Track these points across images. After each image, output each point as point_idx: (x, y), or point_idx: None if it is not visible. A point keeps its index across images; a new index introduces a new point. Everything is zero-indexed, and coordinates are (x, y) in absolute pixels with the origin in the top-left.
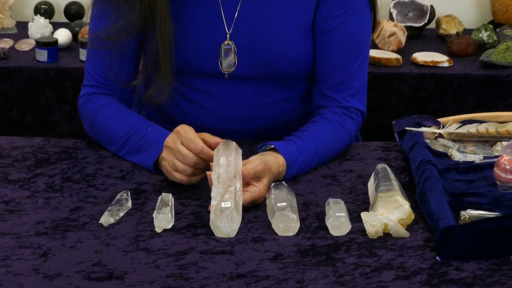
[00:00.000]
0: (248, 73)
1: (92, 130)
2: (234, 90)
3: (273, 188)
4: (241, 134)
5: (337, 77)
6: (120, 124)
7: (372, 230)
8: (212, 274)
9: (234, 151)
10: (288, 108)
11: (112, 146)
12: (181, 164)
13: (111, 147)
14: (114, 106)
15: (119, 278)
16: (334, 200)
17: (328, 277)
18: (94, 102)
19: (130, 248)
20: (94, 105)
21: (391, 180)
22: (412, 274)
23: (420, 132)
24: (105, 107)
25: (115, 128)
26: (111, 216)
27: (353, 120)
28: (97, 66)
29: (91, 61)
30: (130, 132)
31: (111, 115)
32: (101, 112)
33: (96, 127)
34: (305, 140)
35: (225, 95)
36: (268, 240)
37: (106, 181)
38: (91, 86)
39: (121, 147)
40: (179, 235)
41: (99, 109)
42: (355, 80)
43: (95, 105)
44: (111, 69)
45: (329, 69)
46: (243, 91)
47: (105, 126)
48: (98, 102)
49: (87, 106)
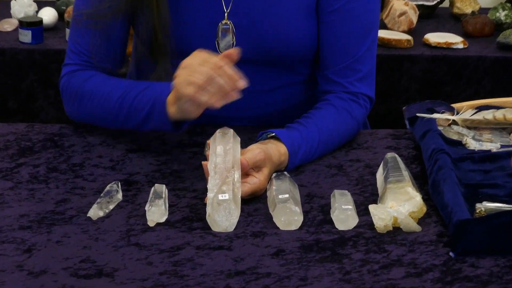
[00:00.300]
0: (247, 56)
1: (80, 106)
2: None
3: (275, 179)
4: (240, 121)
5: (343, 60)
6: (115, 86)
7: (381, 224)
8: (209, 271)
9: (232, 140)
10: (290, 94)
11: (107, 114)
12: (197, 77)
13: (107, 118)
14: (103, 75)
15: (109, 275)
16: (340, 191)
17: (334, 274)
18: (78, 77)
19: (121, 243)
20: (79, 79)
21: (401, 170)
22: (424, 271)
23: (433, 119)
24: (92, 77)
25: (108, 91)
26: (100, 209)
27: (360, 106)
28: (81, 45)
29: (74, 40)
30: (127, 89)
31: (100, 82)
32: (88, 83)
33: (85, 99)
34: (308, 128)
35: None
36: (269, 235)
37: (94, 171)
38: (74, 64)
39: (119, 109)
40: (173, 229)
41: (85, 81)
42: (362, 64)
43: (79, 78)
44: (95, 52)
45: (335, 52)
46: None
47: (96, 93)
48: (83, 74)
49: (70, 82)
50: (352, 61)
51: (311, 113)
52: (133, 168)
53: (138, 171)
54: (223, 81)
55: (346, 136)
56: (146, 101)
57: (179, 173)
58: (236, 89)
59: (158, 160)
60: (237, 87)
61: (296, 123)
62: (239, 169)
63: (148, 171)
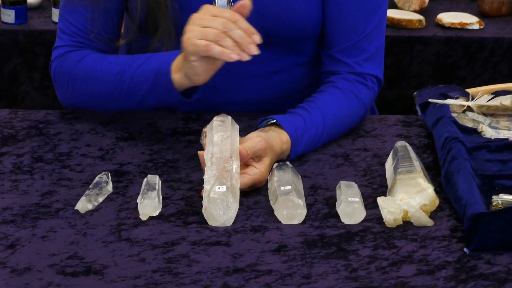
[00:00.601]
0: None
1: (74, 89)
2: None
3: (276, 170)
4: (239, 106)
5: (350, 38)
6: (112, 62)
7: (390, 217)
8: (206, 268)
9: (230, 127)
10: (293, 76)
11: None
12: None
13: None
14: (98, 54)
15: (98, 272)
16: (346, 183)
17: (339, 271)
18: (71, 58)
19: (111, 238)
20: (72, 61)
21: (412, 160)
22: (436, 268)
23: (446, 105)
24: (86, 57)
25: (105, 69)
26: (89, 201)
27: (367, 89)
28: (73, 24)
29: (65, 20)
30: (127, 64)
31: (96, 60)
32: (82, 64)
33: (79, 81)
34: (312, 113)
35: None
36: (270, 229)
37: (82, 161)
38: (66, 46)
39: (119, 86)
40: (167, 223)
41: (78, 62)
42: (370, 43)
43: (72, 60)
44: (94, 26)
45: (340, 29)
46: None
47: (92, 72)
48: (76, 56)
49: (63, 65)
50: (359, 39)
51: (315, 97)
52: (124, 158)
53: (130, 161)
54: (239, 34)
55: (352, 121)
56: (148, 72)
57: (173, 163)
58: (251, 43)
59: (151, 149)
60: (254, 41)
61: (299, 109)
62: (237, 159)
63: (140, 161)
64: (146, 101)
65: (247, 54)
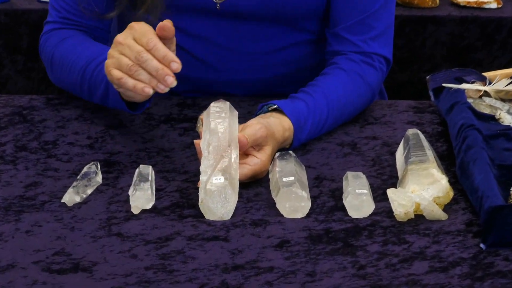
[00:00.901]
0: (246, 8)
1: (52, 72)
2: (229, 31)
3: (278, 159)
4: (239, 87)
5: (356, 15)
6: (80, 54)
7: (401, 211)
8: (202, 265)
9: (228, 114)
10: (297, 55)
11: (73, 86)
12: (125, 58)
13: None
14: (78, 37)
15: (87, 270)
16: (353, 174)
17: (346, 269)
18: (53, 38)
19: (100, 233)
20: (53, 41)
21: (424, 148)
22: (451, 266)
23: (461, 90)
24: (65, 40)
25: (73, 61)
26: (77, 193)
27: (375, 70)
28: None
29: None
30: (89, 60)
31: (70, 48)
32: (60, 47)
33: (55, 65)
34: (315, 97)
35: (218, 38)
36: (271, 224)
37: (70, 150)
38: (53, 22)
39: (82, 83)
40: (161, 217)
41: (58, 43)
42: (378, 20)
43: (54, 40)
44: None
45: (346, 5)
46: (240, 33)
47: (64, 60)
48: (58, 35)
49: (47, 43)
50: (366, 15)
51: (318, 81)
52: (115, 147)
53: (120, 150)
54: (153, 66)
55: (359, 105)
56: (102, 76)
57: (167, 153)
58: (168, 75)
59: (143, 138)
60: (172, 69)
61: (301, 93)
62: (236, 148)
63: (132, 150)
64: (106, 103)
65: (164, 86)
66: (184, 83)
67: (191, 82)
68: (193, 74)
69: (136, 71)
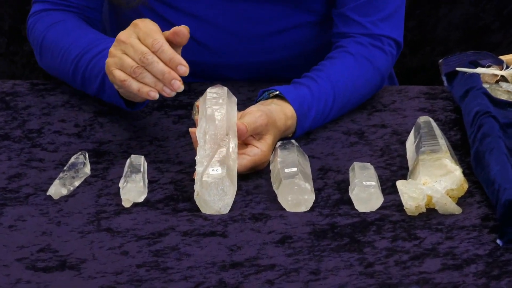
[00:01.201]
0: None
1: (42, 58)
2: (228, 10)
3: (279, 149)
4: (237, 72)
5: None
6: (74, 42)
7: (412, 204)
8: (198, 263)
9: (226, 100)
10: (300, 37)
11: (65, 76)
12: (129, 59)
13: (66, 79)
14: (71, 22)
15: (74, 267)
16: (360, 164)
17: (353, 266)
18: (44, 20)
19: (89, 228)
20: (44, 23)
21: (436, 137)
22: (465, 263)
23: (476, 74)
24: (57, 24)
25: (66, 48)
26: (63, 185)
27: (384, 53)
28: None
29: None
30: (84, 50)
31: (62, 33)
32: (51, 31)
33: (45, 51)
34: (320, 83)
35: (217, 18)
36: (272, 218)
37: (56, 139)
38: (44, 2)
39: (75, 73)
40: (153, 211)
41: (49, 27)
42: (387, 1)
43: (44, 23)
44: None
45: None
46: (240, 13)
47: (56, 47)
48: (49, 18)
49: (36, 26)
50: None
51: (323, 65)
52: (104, 135)
53: (110, 139)
54: (159, 69)
55: (367, 91)
56: (98, 70)
57: (161, 142)
58: (175, 79)
59: (134, 126)
60: (180, 73)
61: (305, 78)
62: (235, 137)
63: (122, 139)
64: (100, 96)
65: (170, 90)
66: None
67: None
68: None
69: (140, 74)
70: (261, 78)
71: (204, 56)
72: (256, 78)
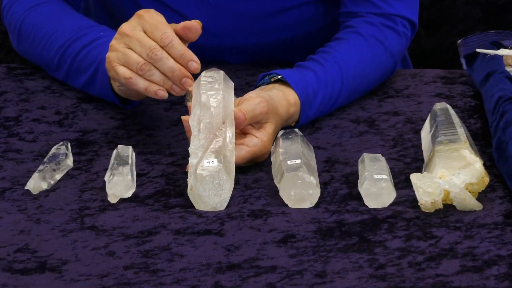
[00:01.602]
0: None
1: (20, 43)
2: None
3: (281, 139)
4: (235, 55)
5: None
6: (59, 28)
7: (427, 200)
8: (192, 264)
9: (222, 85)
10: (303, 17)
11: (47, 64)
12: (134, 55)
13: (48, 67)
14: (53, 5)
15: (55, 269)
16: (371, 156)
17: (362, 268)
18: (21, 2)
19: (71, 226)
20: (22, 6)
21: (455, 126)
22: (486, 265)
23: (498, 56)
24: (39, 6)
25: (50, 35)
26: (43, 179)
27: (397, 34)
28: None
29: None
30: (71, 38)
31: (43, 18)
32: (32, 14)
33: (24, 36)
34: (327, 66)
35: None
36: (273, 215)
37: (35, 128)
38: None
39: (60, 63)
40: (143, 207)
41: (30, 10)
42: None
43: (24, 5)
44: None
45: None
46: None
47: (37, 32)
48: (28, 1)
49: (12, 8)
50: None
51: (330, 47)
52: (88, 124)
53: (95, 128)
54: (168, 66)
55: (378, 76)
56: (89, 61)
57: (150, 131)
58: (186, 76)
59: (122, 113)
60: (189, 70)
61: (310, 61)
62: (232, 126)
63: (108, 128)
64: (87, 90)
65: (180, 89)
66: None
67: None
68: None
69: (148, 71)
70: (260, 62)
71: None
72: (255, 62)
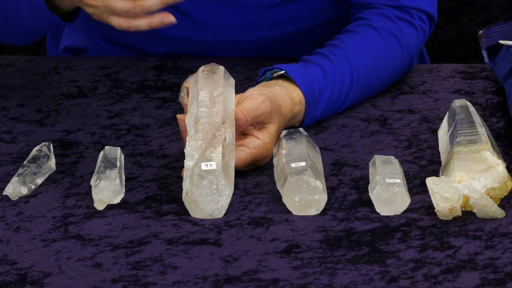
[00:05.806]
0: None
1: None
2: None
3: (285, 139)
4: (234, 51)
5: None
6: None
7: (445, 206)
8: (187, 277)
9: (222, 81)
10: (309, 8)
11: None
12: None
13: None
14: None
15: (36, 283)
16: (383, 158)
17: (373, 281)
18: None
19: (54, 235)
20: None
21: (475, 125)
22: (508, 277)
23: None
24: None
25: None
26: (23, 183)
27: (415, 29)
28: None
29: None
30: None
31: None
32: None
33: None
34: (335, 61)
35: None
36: (276, 223)
37: (13, 127)
38: None
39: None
40: (132, 214)
41: None
42: None
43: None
44: None
45: None
46: None
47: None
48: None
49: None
50: None
51: (340, 40)
52: (72, 123)
53: (80, 127)
54: None
55: (393, 74)
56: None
57: (141, 131)
58: None
59: (109, 111)
60: None
61: (317, 55)
62: (232, 126)
63: (94, 127)
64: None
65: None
66: (164, 43)
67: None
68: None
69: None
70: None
71: (193, 32)
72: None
